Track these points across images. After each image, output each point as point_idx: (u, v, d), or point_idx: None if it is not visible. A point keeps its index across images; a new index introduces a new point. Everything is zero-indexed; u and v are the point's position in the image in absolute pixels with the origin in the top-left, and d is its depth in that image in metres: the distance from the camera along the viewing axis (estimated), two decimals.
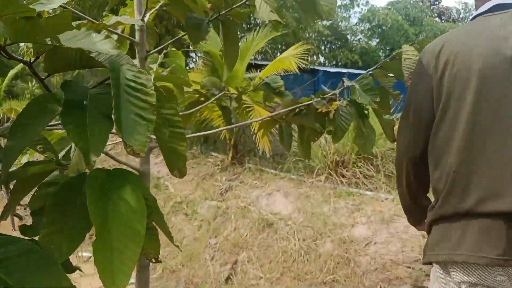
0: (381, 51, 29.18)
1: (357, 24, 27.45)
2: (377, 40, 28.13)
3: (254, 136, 5.52)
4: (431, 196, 1.28)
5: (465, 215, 1.06)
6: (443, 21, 35.08)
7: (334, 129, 1.60)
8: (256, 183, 5.10)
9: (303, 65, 5.18)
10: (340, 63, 24.68)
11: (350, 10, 24.82)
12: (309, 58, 16.16)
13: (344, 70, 14.27)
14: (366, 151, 1.71)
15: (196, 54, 5.54)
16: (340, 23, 25.26)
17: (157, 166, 6.33)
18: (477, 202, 1.03)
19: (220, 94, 1.77)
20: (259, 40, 5.93)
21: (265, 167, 5.43)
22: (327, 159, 4.84)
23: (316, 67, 13.10)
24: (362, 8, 26.26)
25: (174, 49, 1.73)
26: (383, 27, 27.00)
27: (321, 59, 24.59)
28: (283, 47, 20.38)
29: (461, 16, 43.32)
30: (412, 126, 1.22)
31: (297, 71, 4.99)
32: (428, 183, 1.25)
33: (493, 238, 1.00)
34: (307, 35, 20.42)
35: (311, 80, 12.49)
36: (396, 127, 1.45)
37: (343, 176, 4.73)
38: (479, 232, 1.02)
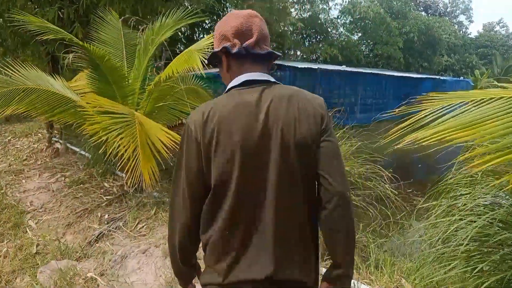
0: (364, 45, 27.93)
1: (338, 17, 25.99)
2: (359, 34, 26.82)
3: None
4: None
5: None
6: (429, 15, 33.91)
7: None
8: (140, 229, 3.66)
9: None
10: (319, 58, 23.32)
11: (329, 2, 23.32)
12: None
13: (315, 66, 12.78)
14: None
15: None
16: (319, 15, 23.77)
17: (37, 193, 4.83)
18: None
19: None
20: (168, 27, 4.45)
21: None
22: None
23: (282, 63, 11.60)
24: (343, 0, 24.74)
25: None
26: (366, 21, 25.62)
27: (298, 53, 23.14)
28: None
29: (447, 10, 42.25)
30: (186, 191, 1.26)
31: (201, 69, 3.53)
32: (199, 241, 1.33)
33: None
34: (282, 28, 19.00)
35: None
36: None
37: None
38: None
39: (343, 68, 14.36)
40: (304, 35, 24.21)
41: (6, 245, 3.85)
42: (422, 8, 38.32)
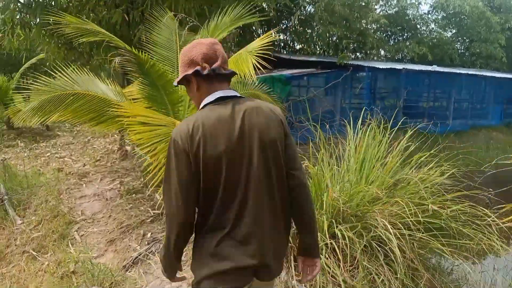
0: (458, 43, 25.22)
1: (429, 12, 23.73)
2: (453, 30, 24.21)
3: None
4: None
5: None
6: None
7: None
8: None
9: (261, 66, 3.13)
10: (406, 58, 21.50)
11: None
12: (347, 53, 13.62)
13: (399, 66, 11.53)
14: None
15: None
16: (407, 11, 21.92)
17: (92, 200, 4.68)
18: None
19: None
20: (225, 26, 3.98)
21: None
22: None
23: (361, 63, 10.61)
24: None
25: None
26: (461, 16, 23.07)
27: (382, 53, 21.56)
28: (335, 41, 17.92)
29: None
30: (180, 197, 1.43)
31: (253, 73, 2.99)
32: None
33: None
34: (364, 25, 17.76)
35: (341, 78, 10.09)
36: None
37: None
38: None
39: (433, 68, 12.82)
40: (389, 33, 22.50)
41: (48, 259, 3.67)
42: None
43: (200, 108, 1.52)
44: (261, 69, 3.14)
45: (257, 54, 3.26)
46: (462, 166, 4.59)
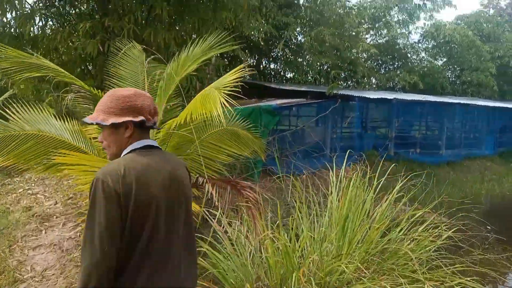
0: (449, 71, 25.36)
1: (419, 41, 23.93)
2: (444, 59, 24.37)
3: None
4: None
5: None
6: None
7: None
8: None
9: (227, 104, 2.73)
10: (397, 86, 21.46)
11: (409, 26, 21.54)
12: (339, 82, 13.43)
13: (390, 96, 11.28)
14: None
15: None
16: (398, 41, 22.07)
17: (46, 251, 4.13)
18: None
19: None
20: (195, 57, 3.62)
21: None
22: None
23: (351, 93, 10.34)
24: (425, 23, 22.79)
25: None
26: (451, 45, 23.27)
27: (373, 81, 21.52)
28: (324, 71, 17.79)
29: None
30: (107, 242, 1.41)
31: (221, 113, 2.59)
32: None
33: None
34: (354, 54, 17.71)
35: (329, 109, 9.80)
36: None
37: None
38: None
39: (424, 97, 12.61)
40: (380, 62, 22.56)
41: None
42: None
43: (126, 152, 1.58)
44: (228, 106, 2.74)
45: (227, 91, 2.87)
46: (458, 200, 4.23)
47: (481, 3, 30.96)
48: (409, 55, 23.07)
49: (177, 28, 6.38)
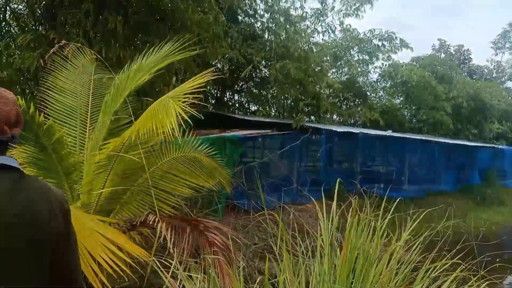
0: (406, 109, 26.27)
1: (378, 80, 24.68)
2: (401, 98, 25.23)
3: None
4: None
5: None
6: (474, 80, 32.17)
7: None
8: None
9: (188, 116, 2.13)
10: (358, 122, 21.79)
11: (369, 65, 22.16)
12: (302, 117, 13.36)
13: (356, 130, 11.12)
14: None
15: None
16: (358, 79, 22.64)
17: None
18: None
19: None
20: (148, 67, 3.02)
21: None
22: None
23: (318, 126, 10.04)
24: (383, 63, 23.61)
25: None
26: (408, 84, 24.14)
27: (335, 117, 21.75)
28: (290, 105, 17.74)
29: (493, 75, 40.22)
30: None
31: (176, 129, 1.96)
32: None
33: None
34: (318, 89, 17.81)
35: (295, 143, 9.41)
36: None
37: None
38: None
39: (388, 133, 12.62)
40: (342, 98, 22.95)
41: None
42: (466, 74, 36.73)
43: None
44: (186, 117, 2.15)
45: (189, 99, 2.29)
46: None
47: (433, 48, 32.96)
48: (368, 93, 23.68)
49: (133, 46, 5.81)
